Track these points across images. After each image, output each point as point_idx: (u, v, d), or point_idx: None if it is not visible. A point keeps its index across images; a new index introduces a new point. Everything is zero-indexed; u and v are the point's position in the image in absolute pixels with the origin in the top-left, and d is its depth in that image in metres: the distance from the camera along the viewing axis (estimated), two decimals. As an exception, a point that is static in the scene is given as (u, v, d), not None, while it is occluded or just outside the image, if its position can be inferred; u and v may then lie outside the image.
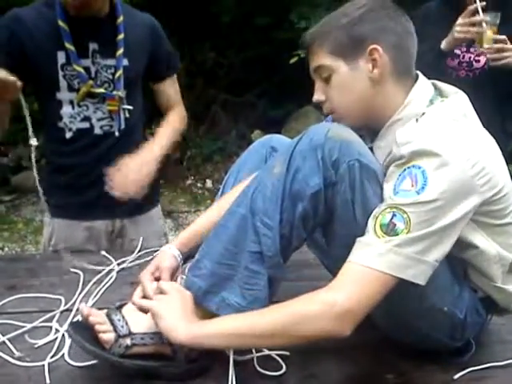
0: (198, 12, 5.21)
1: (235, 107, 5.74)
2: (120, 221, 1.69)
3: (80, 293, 1.33)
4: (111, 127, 1.58)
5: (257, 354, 1.07)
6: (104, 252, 1.57)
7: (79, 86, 1.52)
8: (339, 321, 0.91)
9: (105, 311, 1.04)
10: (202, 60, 5.58)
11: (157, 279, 1.11)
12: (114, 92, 1.55)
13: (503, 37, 1.78)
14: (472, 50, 1.92)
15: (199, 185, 5.21)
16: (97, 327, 1.00)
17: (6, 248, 3.88)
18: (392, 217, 0.92)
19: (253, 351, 1.08)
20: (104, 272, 1.44)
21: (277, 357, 1.08)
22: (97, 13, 1.53)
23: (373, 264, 0.91)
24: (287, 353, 1.09)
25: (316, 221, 1.00)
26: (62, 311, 1.25)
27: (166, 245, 1.18)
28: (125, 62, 1.56)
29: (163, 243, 1.74)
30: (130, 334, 1.00)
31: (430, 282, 0.94)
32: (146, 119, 1.72)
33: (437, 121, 0.99)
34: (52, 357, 1.08)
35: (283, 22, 5.01)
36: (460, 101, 1.04)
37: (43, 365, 1.05)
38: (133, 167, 1.48)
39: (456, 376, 1.05)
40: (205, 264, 1.02)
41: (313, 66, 1.10)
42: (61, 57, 1.50)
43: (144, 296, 1.08)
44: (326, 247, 1.09)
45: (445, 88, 1.08)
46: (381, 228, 0.92)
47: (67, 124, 1.55)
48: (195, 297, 1.02)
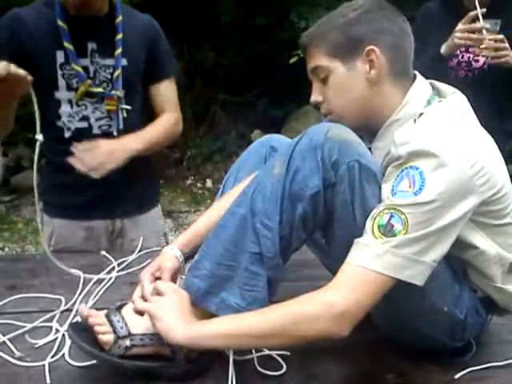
0: (198, 12, 5.21)
1: (235, 107, 5.74)
2: (120, 221, 1.69)
3: (80, 293, 1.33)
4: (109, 127, 1.58)
5: (257, 354, 1.07)
6: (104, 252, 1.57)
7: (78, 86, 1.52)
8: (337, 321, 0.91)
9: (104, 312, 1.04)
10: (202, 60, 5.59)
11: (157, 279, 1.11)
12: (113, 92, 1.55)
13: (501, 36, 1.78)
14: (471, 50, 1.92)
15: (199, 185, 5.22)
16: (96, 328, 1.00)
17: (7, 248, 3.88)
18: (390, 218, 0.92)
19: (253, 351, 1.07)
20: (104, 272, 1.44)
21: (277, 357, 1.08)
22: (96, 12, 1.53)
23: (370, 265, 0.91)
24: (287, 353, 1.08)
25: (316, 222, 1.00)
26: (63, 311, 1.25)
27: (168, 245, 1.18)
28: (123, 62, 1.56)
29: (163, 243, 1.74)
30: (130, 335, 1.00)
31: (430, 282, 0.94)
32: (146, 120, 1.71)
33: (435, 121, 0.99)
34: (52, 357, 1.08)
35: (283, 22, 5.02)
36: (458, 101, 1.04)
37: (43, 365, 1.05)
38: (105, 150, 1.47)
39: (456, 376, 1.05)
40: (204, 264, 1.02)
41: (310, 67, 1.10)
42: (60, 56, 1.50)
43: (143, 296, 1.08)
44: (326, 247, 1.10)
45: (443, 88, 1.08)
46: (378, 229, 0.92)
47: (66, 123, 1.55)
48: (195, 297, 1.02)
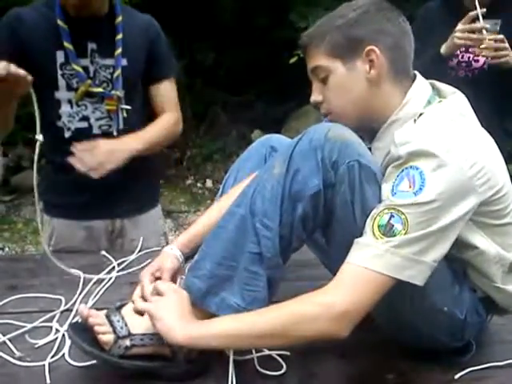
0: (198, 11, 5.21)
1: (235, 107, 5.74)
2: (120, 221, 1.69)
3: (80, 293, 1.33)
4: (109, 127, 1.58)
5: (257, 354, 1.07)
6: (104, 252, 1.57)
7: (78, 86, 1.52)
8: (337, 321, 0.91)
9: (104, 312, 1.04)
10: (202, 59, 5.58)
11: (157, 279, 1.11)
12: (113, 91, 1.55)
13: (501, 36, 1.78)
14: (471, 50, 1.92)
15: (199, 185, 5.21)
16: (96, 328, 1.00)
17: (7, 248, 3.88)
18: (390, 218, 0.92)
19: (253, 351, 1.07)
20: (104, 272, 1.44)
21: (277, 357, 1.08)
22: (96, 13, 1.53)
23: (370, 265, 0.91)
24: (287, 353, 1.08)
25: (316, 222, 1.00)
26: (63, 311, 1.25)
27: (168, 246, 1.18)
28: (123, 62, 1.56)
29: (163, 243, 1.74)
30: (130, 335, 1.00)
31: (430, 282, 0.94)
32: (146, 120, 1.70)
33: (435, 121, 0.99)
34: (52, 357, 1.08)
35: (283, 22, 5.01)
36: (458, 101, 1.04)
37: (43, 365, 1.05)
38: (105, 150, 1.47)
39: (456, 376, 1.05)
40: (204, 265, 1.02)
41: (310, 67, 1.10)
42: (60, 56, 1.50)
43: (143, 296, 1.08)
44: (326, 247, 1.10)
45: (443, 88, 1.08)
46: (378, 229, 0.92)
47: (66, 123, 1.55)
48: (195, 297, 1.02)
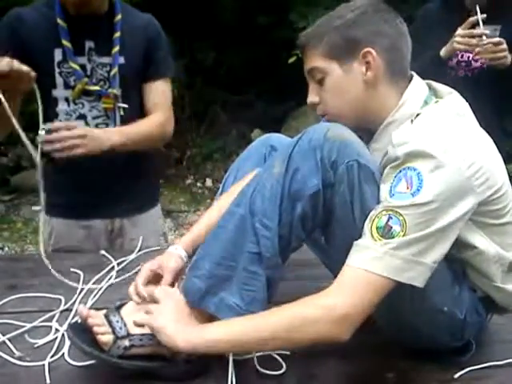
0: (199, 10, 5.20)
1: (235, 106, 5.74)
2: (119, 220, 1.69)
3: (80, 292, 1.33)
4: (107, 125, 1.57)
5: (257, 354, 1.07)
6: (104, 251, 1.57)
7: (75, 84, 1.52)
8: (338, 325, 0.91)
9: (103, 312, 1.04)
10: (202, 59, 5.58)
11: (157, 276, 1.11)
12: (109, 90, 1.55)
13: (497, 39, 1.78)
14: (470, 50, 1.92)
15: (199, 184, 5.21)
16: (95, 329, 1.00)
17: (6, 248, 3.88)
18: (388, 219, 0.92)
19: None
20: (104, 272, 1.44)
21: (277, 356, 1.08)
22: (96, 11, 1.53)
23: (370, 267, 0.91)
24: (287, 352, 1.08)
25: (315, 221, 1.00)
26: (62, 311, 1.25)
27: (172, 245, 1.17)
28: (121, 61, 1.56)
29: (163, 243, 1.74)
30: (129, 336, 1.00)
31: (430, 283, 0.94)
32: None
33: (432, 122, 0.99)
34: (52, 356, 1.08)
35: (283, 22, 5.01)
36: (455, 101, 1.04)
37: (43, 364, 1.05)
38: (80, 133, 1.39)
39: (456, 375, 1.05)
40: (204, 265, 1.01)
41: (307, 68, 1.10)
42: (58, 54, 1.50)
43: (137, 292, 1.07)
44: (326, 247, 1.09)
45: (439, 88, 1.08)
46: (377, 231, 0.92)
47: (63, 122, 1.54)
48: (194, 298, 1.01)
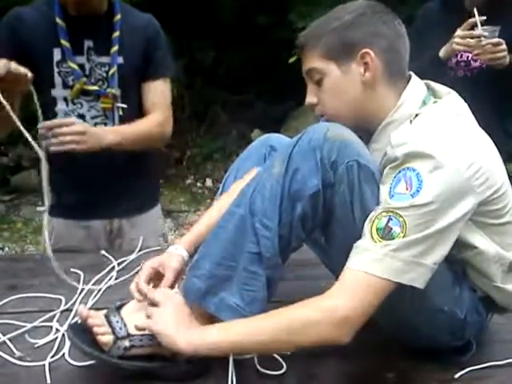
0: (199, 10, 5.20)
1: (235, 106, 5.73)
2: (118, 221, 1.69)
3: (80, 292, 1.33)
4: (105, 125, 1.57)
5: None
6: (104, 251, 1.57)
7: (74, 83, 1.52)
8: (338, 327, 0.91)
9: (104, 312, 1.04)
10: (202, 58, 5.58)
11: (157, 274, 1.11)
12: (108, 90, 1.54)
13: (496, 40, 1.78)
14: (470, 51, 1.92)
15: (199, 184, 5.21)
16: (95, 329, 1.00)
17: (6, 248, 3.87)
18: (388, 221, 0.91)
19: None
20: (104, 272, 1.44)
21: (277, 356, 1.08)
22: (95, 11, 1.53)
23: (370, 270, 0.91)
24: (288, 352, 1.08)
25: (315, 221, 1.00)
26: (63, 311, 1.25)
27: (172, 245, 1.17)
28: (120, 60, 1.55)
29: (162, 243, 1.74)
30: (129, 336, 1.00)
31: (431, 283, 0.94)
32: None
33: (431, 122, 0.99)
34: (52, 356, 1.08)
35: (283, 22, 5.01)
36: (453, 101, 1.04)
37: (43, 364, 1.05)
38: (78, 130, 1.39)
39: (456, 375, 1.06)
40: (204, 265, 1.01)
41: (305, 69, 1.10)
42: (57, 54, 1.50)
43: (138, 289, 1.08)
44: (326, 247, 1.09)
45: (438, 88, 1.08)
46: (377, 232, 0.92)
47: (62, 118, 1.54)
48: (194, 297, 1.01)
